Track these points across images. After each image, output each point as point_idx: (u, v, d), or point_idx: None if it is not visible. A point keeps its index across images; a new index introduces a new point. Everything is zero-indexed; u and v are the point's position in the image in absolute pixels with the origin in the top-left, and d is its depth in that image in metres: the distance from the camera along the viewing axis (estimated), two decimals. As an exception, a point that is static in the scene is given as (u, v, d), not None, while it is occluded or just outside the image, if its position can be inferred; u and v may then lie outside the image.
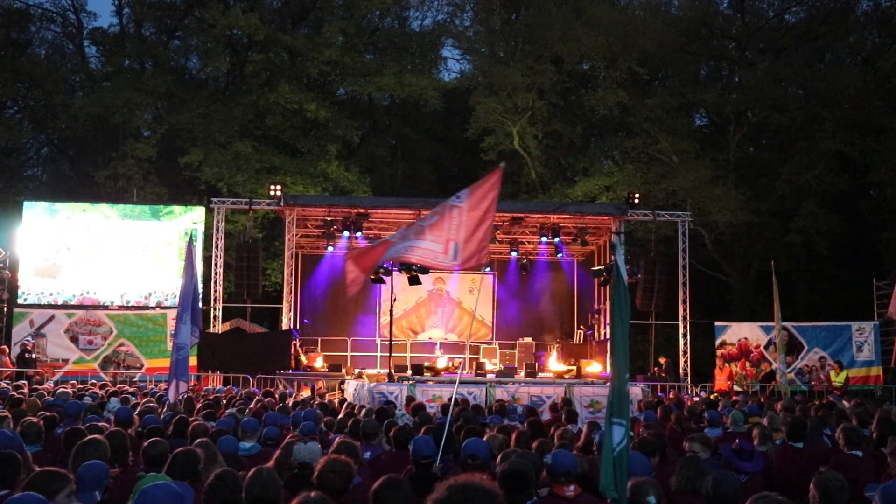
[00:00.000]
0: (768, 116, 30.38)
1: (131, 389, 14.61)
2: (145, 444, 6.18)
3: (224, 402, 11.63)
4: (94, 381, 17.36)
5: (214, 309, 22.23)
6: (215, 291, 22.24)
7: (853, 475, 6.38)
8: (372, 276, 19.11)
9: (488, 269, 25.42)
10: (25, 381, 16.08)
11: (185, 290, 13.00)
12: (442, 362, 21.94)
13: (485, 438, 6.88)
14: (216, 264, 22.26)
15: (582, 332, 24.42)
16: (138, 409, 10.00)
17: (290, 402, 12.36)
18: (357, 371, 20.75)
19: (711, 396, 17.02)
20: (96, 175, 29.64)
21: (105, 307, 21.88)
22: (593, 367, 21.25)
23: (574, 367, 20.91)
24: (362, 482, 5.48)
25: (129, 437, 6.90)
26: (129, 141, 29.56)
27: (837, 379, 20.29)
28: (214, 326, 22.19)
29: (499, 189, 8.04)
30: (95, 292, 22.23)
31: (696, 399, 16.20)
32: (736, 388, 20.32)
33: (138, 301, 22.31)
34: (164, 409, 10.21)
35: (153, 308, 22.05)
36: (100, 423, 7.79)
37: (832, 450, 7.67)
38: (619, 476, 4.61)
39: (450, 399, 12.60)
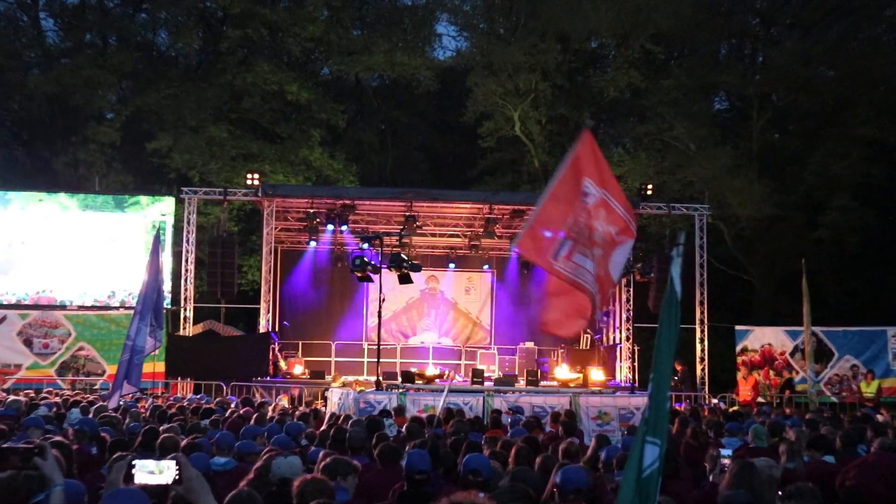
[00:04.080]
0: (795, 100, 30.35)
1: (91, 398, 14.56)
2: (112, 458, 6.16)
3: (189, 412, 11.59)
4: (51, 389, 17.32)
5: (185, 309, 22.20)
6: (186, 290, 22.20)
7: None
8: (358, 275, 19.07)
9: (486, 266, 25.44)
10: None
11: (148, 287, 12.96)
12: (434, 369, 21.96)
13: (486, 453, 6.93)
14: (187, 260, 22.22)
15: (589, 336, 24.43)
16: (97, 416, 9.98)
17: (268, 411, 12.35)
18: (343, 379, 20.74)
19: (731, 409, 17.05)
20: (54, 161, 29.56)
21: (63, 307, 21.83)
22: (600, 375, 21.29)
23: (580, 375, 20.94)
24: (349, 501, 5.49)
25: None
26: (90, 124, 29.47)
27: (868, 389, 20.35)
28: (185, 328, 22.17)
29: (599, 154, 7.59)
30: (52, 291, 22.18)
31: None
32: (759, 399, 20.38)
33: (100, 301, 22.26)
34: (129, 421, 10.19)
35: (116, 308, 22.00)
36: (56, 437, 7.75)
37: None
38: (645, 502, 4.58)
39: (442, 411, 12.64)
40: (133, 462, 3.68)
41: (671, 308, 5.02)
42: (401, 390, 15.78)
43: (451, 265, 25.30)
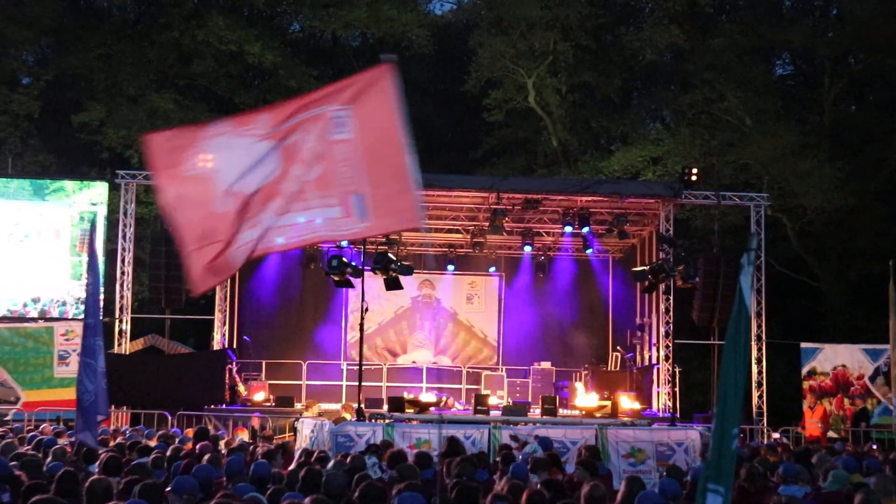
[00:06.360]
0: (877, 63, 30.35)
1: (1, 431, 14.50)
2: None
3: (126, 448, 11.56)
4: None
5: (121, 321, 22.17)
6: (122, 298, 22.17)
7: None
8: (336, 279, 19.07)
9: (492, 268, 25.41)
10: None
11: (94, 293, 12.92)
12: (429, 395, 21.96)
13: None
14: (124, 261, 22.19)
15: (619, 355, 24.43)
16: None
17: (222, 447, 12.33)
18: (319, 406, 20.75)
19: (792, 444, 17.03)
20: (-43, 138, 29.57)
21: (-31, 319, 21.84)
22: (633, 403, 21.29)
23: (608, 403, 20.93)
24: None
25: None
26: (1, 91, 29.42)
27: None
28: (121, 345, 22.14)
29: (395, 93, 7.14)
30: (-44, 298, 22.20)
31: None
32: (831, 433, 20.37)
33: (13, 311, 22.23)
34: (50, 460, 10.16)
35: (34, 321, 21.97)
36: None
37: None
38: None
39: (439, 447, 12.62)
40: None
41: (740, 327, 4.98)
42: (387, 421, 15.75)
43: (450, 267, 25.27)
